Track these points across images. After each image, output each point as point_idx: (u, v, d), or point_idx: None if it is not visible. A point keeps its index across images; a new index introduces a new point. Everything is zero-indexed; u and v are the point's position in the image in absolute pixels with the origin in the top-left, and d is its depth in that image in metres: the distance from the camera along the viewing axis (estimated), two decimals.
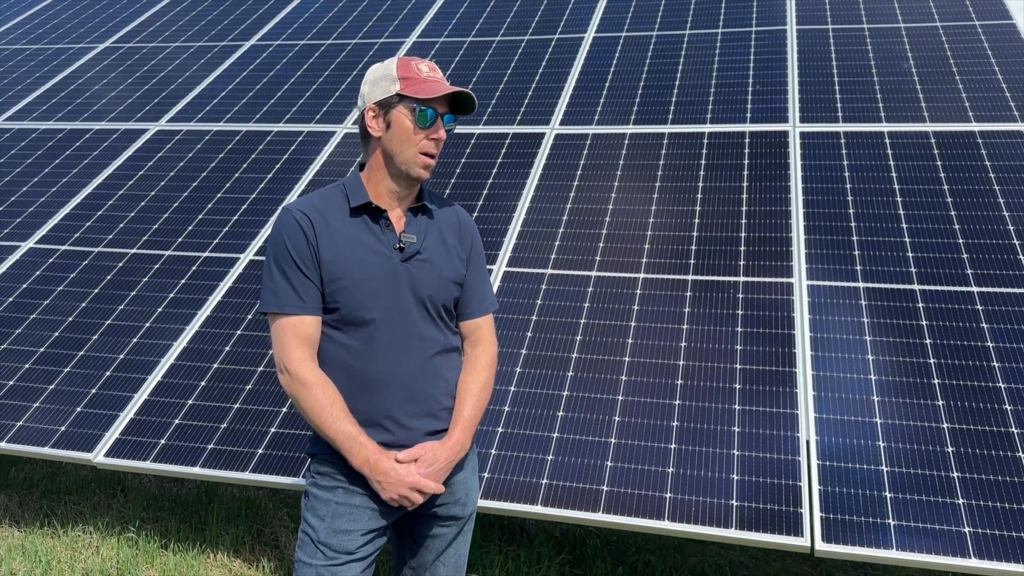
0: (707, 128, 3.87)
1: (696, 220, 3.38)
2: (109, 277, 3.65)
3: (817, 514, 2.33)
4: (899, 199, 3.30)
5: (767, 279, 3.07)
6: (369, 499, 1.79)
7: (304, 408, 1.73)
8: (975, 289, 2.89)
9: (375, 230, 1.79)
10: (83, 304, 3.53)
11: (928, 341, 2.75)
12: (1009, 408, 2.51)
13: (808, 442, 2.52)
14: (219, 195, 4.04)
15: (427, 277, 1.81)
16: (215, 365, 3.14)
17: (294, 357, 1.73)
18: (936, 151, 3.49)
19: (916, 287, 2.93)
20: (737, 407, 2.66)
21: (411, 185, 1.81)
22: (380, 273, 1.77)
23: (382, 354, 1.77)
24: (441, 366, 1.84)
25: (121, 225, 3.97)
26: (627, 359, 2.88)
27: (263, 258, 3.55)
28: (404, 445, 1.79)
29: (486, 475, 2.58)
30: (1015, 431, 2.45)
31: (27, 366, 3.26)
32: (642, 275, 3.18)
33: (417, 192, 1.87)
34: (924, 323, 2.81)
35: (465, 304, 1.92)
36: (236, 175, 4.17)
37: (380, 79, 1.78)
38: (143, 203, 4.09)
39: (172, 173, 4.28)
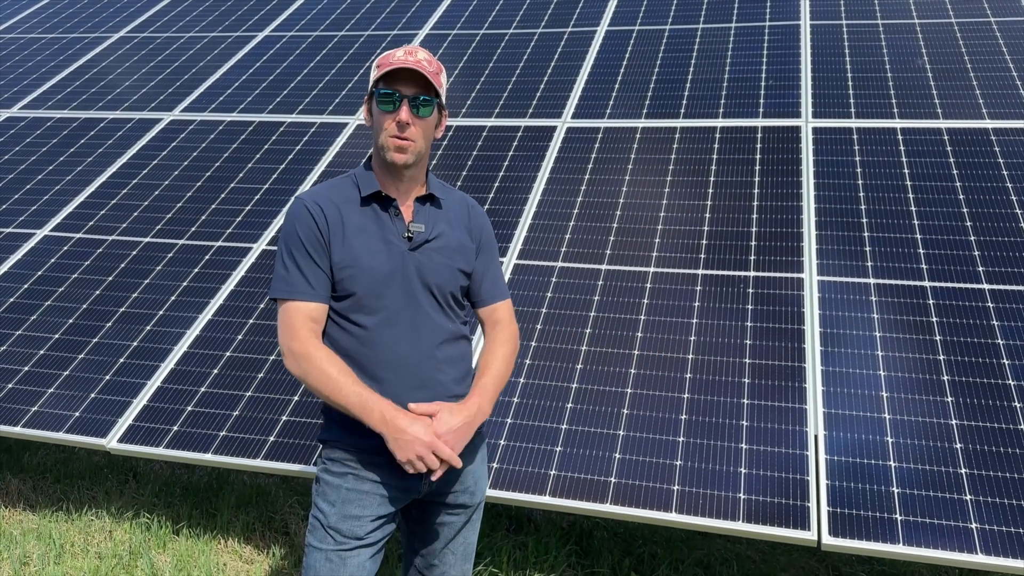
0: (719, 123, 3.86)
1: (707, 214, 3.38)
2: (123, 265, 3.68)
3: (824, 508, 2.34)
4: (911, 195, 3.29)
5: (778, 274, 3.07)
6: (379, 485, 1.81)
7: (312, 382, 1.73)
8: (986, 286, 2.88)
9: (384, 219, 1.81)
10: (97, 292, 3.56)
11: (938, 338, 2.75)
12: (1019, 406, 2.51)
13: (816, 437, 2.53)
14: (232, 185, 4.07)
15: (435, 266, 1.83)
16: (227, 353, 3.16)
17: (299, 336, 1.75)
18: (949, 148, 3.48)
19: (927, 284, 2.93)
20: (746, 401, 2.67)
21: (394, 172, 1.81)
22: (389, 261, 1.79)
23: (391, 341, 1.79)
24: (450, 353, 1.86)
25: (135, 214, 4.00)
26: (636, 352, 2.89)
27: (275, 248, 3.58)
28: None
29: (495, 465, 2.60)
30: None
31: (41, 352, 3.30)
32: (652, 269, 3.19)
33: (425, 182, 1.89)
34: (935, 320, 2.81)
35: (480, 291, 1.95)
36: (249, 165, 4.19)
37: (372, 72, 1.82)
38: (157, 192, 4.12)
39: (185, 163, 4.31)
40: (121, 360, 3.21)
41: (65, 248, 3.85)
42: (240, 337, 3.22)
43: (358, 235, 1.79)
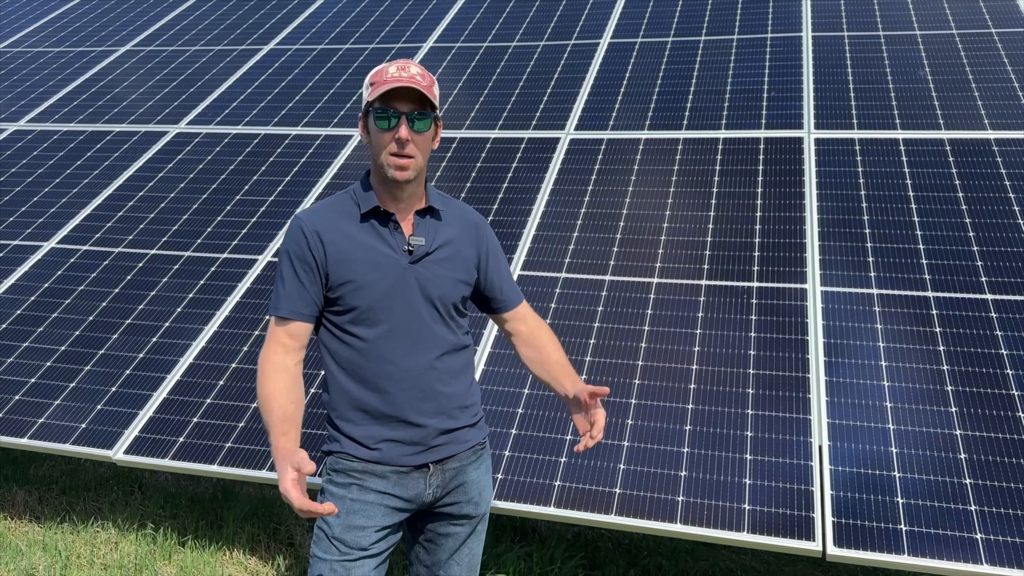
0: (722, 134, 3.88)
1: (710, 225, 3.40)
2: (129, 277, 3.71)
3: (829, 519, 2.34)
4: (913, 206, 3.30)
5: (781, 284, 3.08)
6: (383, 496, 1.82)
7: (257, 389, 1.81)
8: (989, 297, 2.89)
9: (384, 233, 1.83)
10: (103, 303, 3.58)
11: (942, 348, 2.75)
12: (1023, 415, 2.51)
13: (821, 447, 2.53)
14: (238, 197, 4.09)
15: (436, 278, 1.84)
16: (233, 365, 3.18)
17: (267, 349, 1.82)
18: (951, 159, 3.49)
19: (930, 294, 2.94)
20: (750, 412, 2.68)
21: (394, 188, 1.82)
22: (390, 275, 1.80)
23: (394, 355, 1.80)
24: (451, 365, 1.87)
25: (141, 226, 4.02)
26: (640, 363, 2.90)
27: None
28: (418, 443, 1.83)
29: (500, 476, 2.60)
30: None
31: (48, 364, 3.32)
32: (656, 279, 3.20)
33: (423, 194, 1.90)
34: (938, 330, 2.81)
35: (499, 297, 2.01)
36: (255, 178, 4.22)
37: (364, 88, 1.83)
38: (163, 204, 4.15)
39: (192, 175, 4.34)
40: (127, 372, 3.22)
41: (72, 260, 3.87)
42: (245, 348, 3.24)
43: (357, 250, 1.80)
